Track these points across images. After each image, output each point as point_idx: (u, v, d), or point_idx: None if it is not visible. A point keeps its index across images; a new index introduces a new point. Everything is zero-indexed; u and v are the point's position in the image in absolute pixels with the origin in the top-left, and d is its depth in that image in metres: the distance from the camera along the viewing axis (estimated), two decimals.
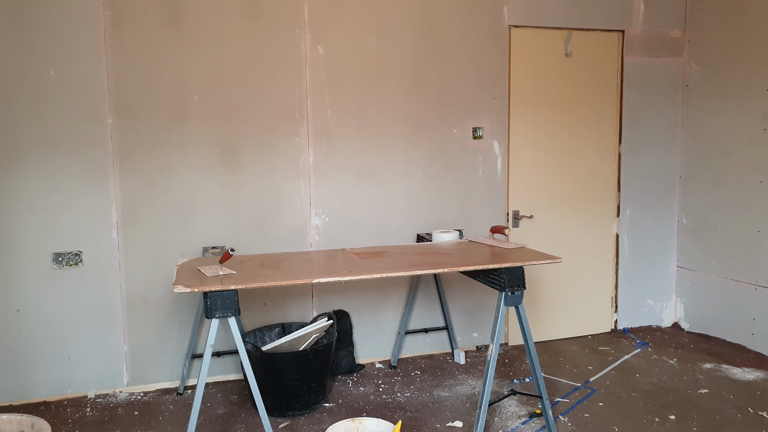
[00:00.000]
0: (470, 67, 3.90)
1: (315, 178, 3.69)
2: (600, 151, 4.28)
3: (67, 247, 3.32)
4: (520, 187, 4.12)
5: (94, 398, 3.40)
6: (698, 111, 4.29)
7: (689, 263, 4.42)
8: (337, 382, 3.60)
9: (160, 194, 3.44)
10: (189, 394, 3.45)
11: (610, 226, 4.37)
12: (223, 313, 2.50)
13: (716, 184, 4.18)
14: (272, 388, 3.11)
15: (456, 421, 3.06)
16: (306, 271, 2.74)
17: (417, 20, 3.77)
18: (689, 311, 4.45)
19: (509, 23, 3.96)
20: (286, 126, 3.59)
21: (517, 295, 2.73)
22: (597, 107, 4.23)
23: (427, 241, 3.66)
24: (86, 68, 3.26)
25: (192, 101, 3.44)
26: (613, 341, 4.25)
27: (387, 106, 3.77)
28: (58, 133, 3.25)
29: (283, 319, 3.70)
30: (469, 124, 3.94)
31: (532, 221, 4.16)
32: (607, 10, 4.13)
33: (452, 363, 3.87)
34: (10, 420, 2.38)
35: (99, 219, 3.36)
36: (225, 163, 3.52)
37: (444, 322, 4.00)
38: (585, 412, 3.17)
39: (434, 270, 2.74)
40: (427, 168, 3.88)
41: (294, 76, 3.59)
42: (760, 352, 3.91)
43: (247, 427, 3.06)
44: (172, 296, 3.51)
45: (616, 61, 4.24)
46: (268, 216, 3.62)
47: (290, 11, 3.55)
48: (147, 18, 3.32)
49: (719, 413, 3.12)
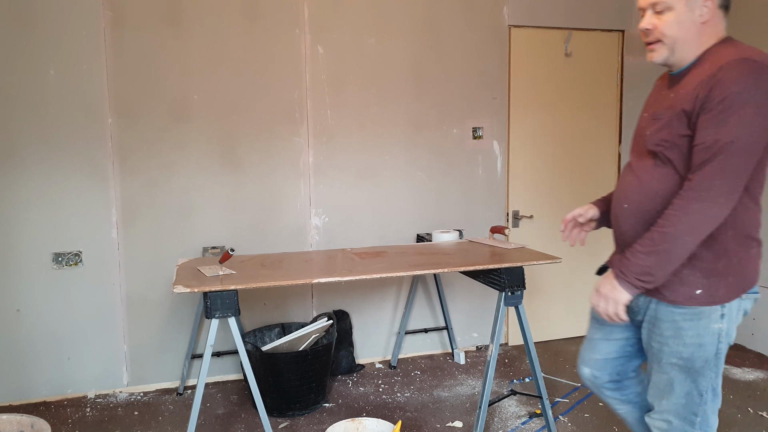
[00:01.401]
0: (470, 67, 3.90)
1: (315, 178, 3.69)
2: (600, 151, 4.28)
3: (67, 247, 3.32)
4: (520, 187, 4.11)
5: (94, 398, 3.40)
6: None
7: None
8: (337, 382, 3.60)
9: (160, 194, 3.43)
10: (189, 394, 3.45)
11: None
12: (223, 313, 2.50)
13: None
14: (272, 388, 3.11)
15: (456, 421, 3.06)
16: (306, 271, 2.74)
17: (417, 20, 3.77)
18: None
19: (509, 23, 3.95)
20: (286, 126, 3.59)
21: (517, 295, 2.73)
22: (597, 107, 4.23)
23: (427, 241, 3.66)
24: (86, 68, 3.26)
25: (192, 101, 3.44)
26: None
27: (387, 106, 3.77)
28: (58, 133, 3.25)
29: (283, 319, 3.70)
30: (469, 124, 3.94)
31: (532, 221, 4.16)
32: (607, 10, 4.13)
33: (452, 363, 3.87)
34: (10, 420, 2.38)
35: (99, 219, 3.36)
36: (225, 163, 3.52)
37: (444, 322, 4.00)
38: (585, 412, 3.17)
39: (434, 270, 2.73)
40: (427, 168, 3.88)
41: (294, 76, 3.58)
42: (760, 352, 3.91)
43: (247, 427, 3.06)
44: (172, 296, 3.51)
45: (616, 61, 4.24)
46: (268, 216, 3.62)
47: (290, 11, 3.55)
48: (147, 18, 3.32)
49: (719, 413, 3.11)
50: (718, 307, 1.64)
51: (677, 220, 1.54)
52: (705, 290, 1.63)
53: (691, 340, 1.66)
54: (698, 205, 1.51)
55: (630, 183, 1.75)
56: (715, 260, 1.62)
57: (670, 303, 1.67)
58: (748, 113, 1.48)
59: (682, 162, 1.61)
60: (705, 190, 1.51)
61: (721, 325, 1.65)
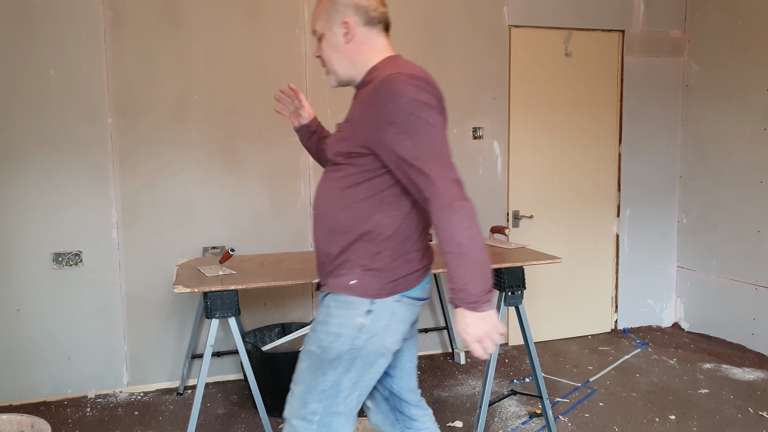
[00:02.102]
0: (470, 67, 3.90)
1: (315, 178, 3.68)
2: (600, 151, 4.28)
3: (67, 247, 3.32)
4: (520, 187, 4.11)
5: (94, 398, 3.40)
6: (698, 111, 4.29)
7: (689, 263, 4.42)
8: None
9: (160, 194, 3.43)
10: (189, 394, 3.45)
11: (610, 226, 4.37)
12: (223, 313, 2.50)
13: (716, 184, 4.18)
14: (272, 388, 3.11)
15: (456, 421, 3.06)
16: (306, 271, 2.74)
17: (417, 20, 3.77)
18: (689, 311, 4.45)
19: (509, 23, 3.95)
20: (287, 126, 3.59)
21: (518, 295, 2.73)
22: (597, 107, 4.23)
23: None
24: (86, 68, 3.26)
25: (192, 101, 3.44)
26: (613, 341, 4.25)
27: None
28: (58, 133, 3.25)
29: (283, 319, 3.70)
30: (469, 123, 3.93)
31: (532, 221, 4.16)
32: (607, 10, 4.13)
33: (452, 363, 3.87)
34: (10, 420, 2.38)
35: (99, 219, 3.36)
36: (225, 163, 3.52)
37: (444, 321, 4.00)
38: (585, 412, 3.17)
39: (434, 270, 2.73)
40: None
41: (294, 76, 3.58)
42: (761, 352, 3.91)
43: (247, 427, 3.06)
44: (172, 296, 3.51)
45: (616, 61, 4.24)
46: (269, 216, 3.62)
47: (290, 11, 3.55)
48: (147, 18, 3.32)
49: (719, 413, 3.12)
50: (367, 302, 1.64)
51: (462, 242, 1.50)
52: (360, 282, 1.64)
53: (335, 329, 1.66)
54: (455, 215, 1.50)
55: (318, 188, 1.79)
56: (371, 259, 1.64)
57: (331, 291, 1.69)
58: (419, 123, 1.51)
59: (355, 172, 1.64)
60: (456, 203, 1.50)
61: (364, 320, 1.64)
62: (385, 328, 1.67)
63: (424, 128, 1.53)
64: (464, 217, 1.51)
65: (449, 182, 1.54)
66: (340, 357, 1.66)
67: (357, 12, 1.65)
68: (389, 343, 1.69)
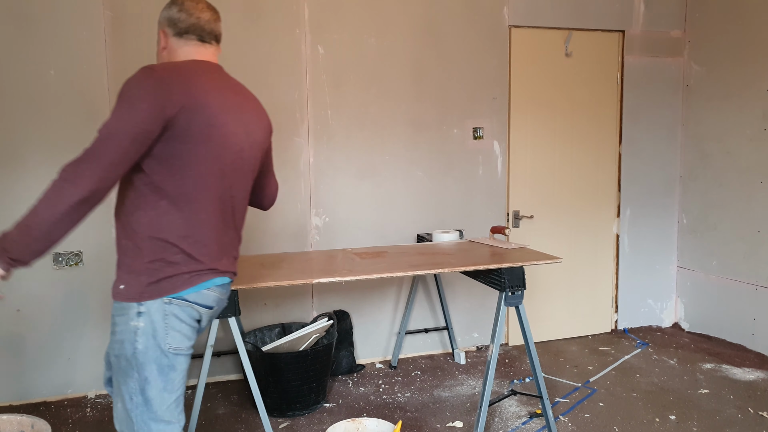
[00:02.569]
0: (470, 67, 3.90)
1: (315, 178, 3.69)
2: (600, 151, 4.28)
3: (67, 247, 3.32)
4: (520, 187, 4.11)
5: (94, 398, 3.40)
6: (698, 111, 4.29)
7: (689, 263, 4.42)
8: (337, 382, 3.59)
9: None
10: (189, 394, 3.45)
11: (610, 226, 4.37)
12: (223, 313, 2.50)
13: (716, 184, 4.18)
14: (272, 388, 3.11)
15: (456, 422, 3.06)
16: (306, 271, 2.74)
17: (417, 20, 3.77)
18: (689, 311, 4.45)
19: (509, 23, 3.95)
20: (287, 126, 3.59)
21: (518, 295, 2.73)
22: (597, 107, 4.23)
23: (428, 241, 3.65)
24: (86, 68, 3.26)
25: None
26: (614, 341, 4.25)
27: (387, 106, 3.77)
28: (58, 133, 3.25)
29: (283, 319, 3.70)
30: (470, 124, 3.93)
31: (533, 221, 4.16)
32: (607, 10, 4.13)
33: (452, 363, 3.87)
34: (10, 420, 2.38)
35: (99, 219, 3.34)
36: None
37: (444, 322, 4.00)
38: (585, 412, 3.17)
39: (434, 270, 2.73)
40: (428, 168, 3.88)
41: (294, 76, 3.58)
42: (761, 352, 3.91)
43: (247, 427, 3.05)
44: None
45: (617, 61, 4.24)
46: (269, 216, 3.62)
47: (290, 11, 3.55)
48: (147, 18, 3.32)
49: (719, 413, 3.12)
50: (135, 305, 1.67)
51: (41, 196, 1.60)
52: (126, 286, 1.68)
53: (119, 336, 1.69)
54: (60, 184, 1.56)
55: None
56: (132, 258, 1.68)
57: (113, 298, 1.72)
58: (120, 106, 1.60)
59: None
60: (69, 172, 1.56)
61: (137, 323, 1.66)
62: (162, 329, 1.69)
63: (118, 108, 1.59)
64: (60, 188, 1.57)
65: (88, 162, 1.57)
66: (130, 363, 1.68)
67: (169, 24, 1.85)
68: (175, 343, 1.71)
